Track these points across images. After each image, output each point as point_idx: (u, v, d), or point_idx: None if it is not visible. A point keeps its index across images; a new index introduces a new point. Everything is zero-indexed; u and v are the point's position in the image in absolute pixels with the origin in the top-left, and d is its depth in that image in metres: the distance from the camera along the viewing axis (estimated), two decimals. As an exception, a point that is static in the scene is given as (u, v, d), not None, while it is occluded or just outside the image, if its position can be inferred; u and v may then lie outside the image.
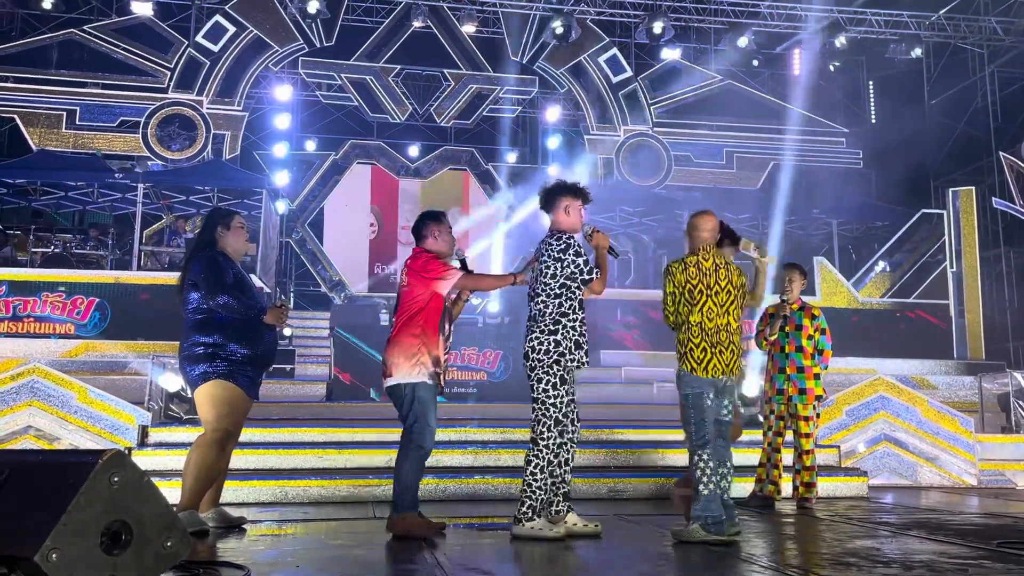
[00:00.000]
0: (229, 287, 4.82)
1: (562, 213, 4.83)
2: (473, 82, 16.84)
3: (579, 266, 4.66)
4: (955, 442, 8.30)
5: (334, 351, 10.90)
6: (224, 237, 5.06)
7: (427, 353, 4.70)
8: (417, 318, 4.74)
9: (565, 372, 4.60)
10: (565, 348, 4.59)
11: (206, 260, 4.91)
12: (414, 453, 4.67)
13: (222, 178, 14.12)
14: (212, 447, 4.77)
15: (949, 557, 4.01)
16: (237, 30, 15.88)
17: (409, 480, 4.66)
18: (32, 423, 7.16)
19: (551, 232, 4.84)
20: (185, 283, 4.94)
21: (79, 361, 10.62)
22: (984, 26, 17.15)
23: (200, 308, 4.85)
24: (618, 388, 11.19)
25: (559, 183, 4.91)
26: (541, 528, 4.49)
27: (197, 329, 4.85)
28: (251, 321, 4.85)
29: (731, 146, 17.62)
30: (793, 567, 3.83)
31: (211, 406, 4.79)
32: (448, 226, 5.02)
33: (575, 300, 4.69)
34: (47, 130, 15.18)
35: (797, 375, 6.34)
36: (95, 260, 13.29)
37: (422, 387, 4.69)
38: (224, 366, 4.79)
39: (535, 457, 4.55)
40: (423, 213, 5.11)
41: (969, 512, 6.24)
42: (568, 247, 4.69)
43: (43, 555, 2.58)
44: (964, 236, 14.28)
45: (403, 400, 4.71)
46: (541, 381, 4.60)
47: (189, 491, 4.68)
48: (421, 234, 4.96)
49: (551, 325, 4.62)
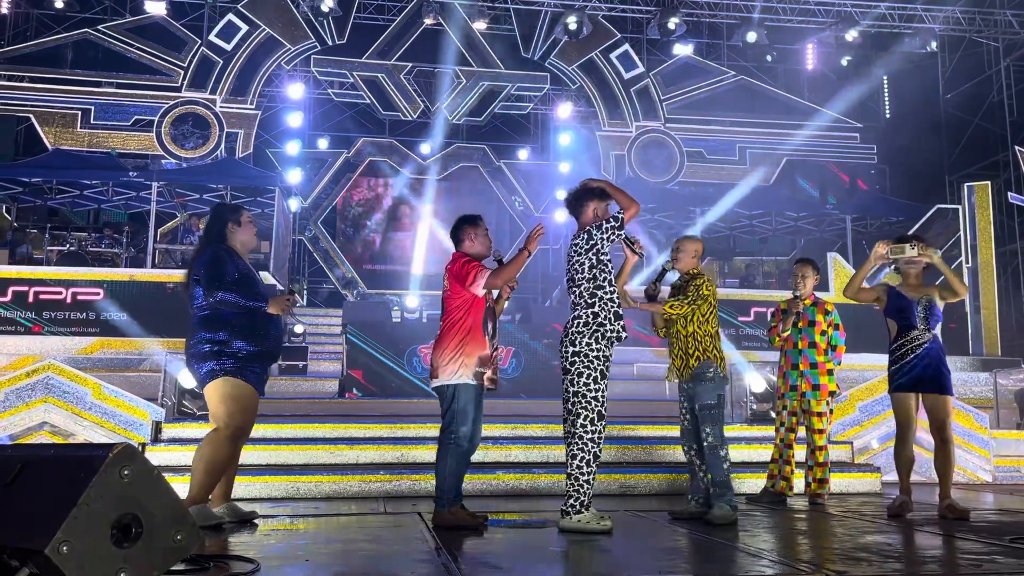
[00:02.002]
0: (228, 283, 4.80)
1: (589, 216, 4.90)
2: (485, 79, 16.84)
3: (606, 229, 4.77)
4: (970, 438, 8.25)
5: (345, 348, 10.94)
6: (235, 232, 5.05)
7: (470, 354, 4.85)
8: (461, 321, 4.89)
9: (605, 365, 4.66)
10: (604, 319, 4.67)
11: (209, 256, 4.90)
12: (453, 451, 4.85)
13: (235, 176, 14.19)
14: (225, 443, 4.79)
15: (962, 553, 3.98)
16: (250, 29, 15.95)
17: (448, 475, 4.83)
18: (47, 419, 7.23)
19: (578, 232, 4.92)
20: (191, 279, 4.94)
21: (94, 358, 10.71)
22: (1000, 19, 17.00)
23: (204, 304, 4.84)
24: (630, 383, 11.17)
25: (585, 186, 4.97)
26: (588, 521, 4.56)
27: (203, 326, 4.84)
28: (256, 316, 4.85)
29: (744, 142, 17.54)
30: (805, 562, 3.81)
31: (222, 403, 4.80)
32: (484, 228, 5.15)
33: (609, 274, 4.79)
34: (62, 129, 15.31)
35: (810, 371, 6.31)
36: (110, 258, 13.39)
37: (463, 388, 4.85)
38: (231, 363, 4.78)
39: (580, 451, 4.61)
40: (460, 217, 5.25)
41: (983, 508, 6.20)
42: (591, 236, 4.78)
43: (54, 548, 2.60)
44: (979, 231, 14.17)
45: (445, 399, 4.91)
46: (583, 375, 4.65)
47: (198, 485, 4.70)
48: (458, 238, 5.11)
49: (588, 299, 4.73)
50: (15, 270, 11.83)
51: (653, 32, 17.26)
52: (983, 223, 14.20)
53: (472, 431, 4.89)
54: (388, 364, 10.80)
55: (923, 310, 5.59)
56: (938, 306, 5.60)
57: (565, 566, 4.01)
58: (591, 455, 4.60)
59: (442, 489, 4.83)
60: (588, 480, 4.59)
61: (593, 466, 4.61)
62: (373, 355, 10.75)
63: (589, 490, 4.60)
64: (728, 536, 4.58)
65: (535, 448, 7.12)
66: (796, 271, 6.54)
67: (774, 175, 17.42)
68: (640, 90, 17.20)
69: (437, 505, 4.85)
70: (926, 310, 5.59)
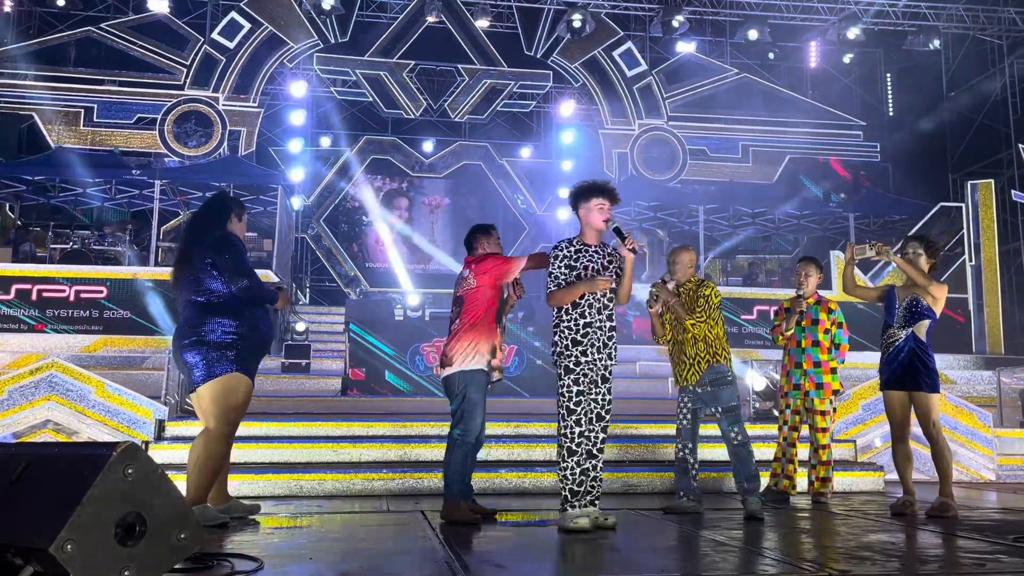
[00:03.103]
0: (252, 273, 4.71)
1: (587, 212, 4.85)
2: (487, 77, 16.84)
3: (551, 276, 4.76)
4: (973, 437, 8.23)
5: (348, 346, 10.94)
6: (234, 225, 4.90)
7: (486, 342, 5.06)
8: (483, 315, 5.08)
9: (571, 363, 4.66)
10: (563, 347, 4.69)
11: (227, 241, 4.71)
12: (460, 445, 4.97)
13: (238, 174, 14.20)
14: (221, 442, 4.66)
15: (965, 552, 3.97)
16: (252, 27, 15.96)
17: (456, 470, 4.95)
18: (51, 417, 7.23)
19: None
20: (195, 264, 4.67)
21: (98, 356, 10.73)
22: (1003, 17, 16.96)
23: (216, 292, 4.64)
24: (632, 382, 11.16)
25: (584, 183, 4.94)
26: (562, 519, 4.61)
27: (211, 314, 4.62)
28: (256, 308, 4.75)
29: (747, 140, 17.53)
30: (807, 561, 3.81)
31: (224, 399, 4.62)
32: (496, 238, 5.39)
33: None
34: (65, 127, 15.33)
35: (814, 370, 6.30)
36: (113, 256, 13.40)
37: (476, 378, 5.01)
38: (234, 355, 4.61)
39: (559, 447, 4.67)
40: (474, 227, 5.49)
41: (986, 507, 6.19)
42: (556, 256, 4.76)
43: (58, 546, 2.60)
44: (983, 229, 14.15)
45: (454, 391, 5.05)
46: (559, 374, 4.72)
47: (195, 486, 4.57)
48: (472, 246, 5.35)
49: (553, 324, 4.80)
50: (18, 268, 11.85)
51: (656, 30, 17.25)
52: (986, 221, 14.18)
53: (481, 425, 5.04)
54: (391, 362, 10.81)
55: (903, 308, 5.67)
56: (924, 303, 5.60)
57: (567, 565, 4.01)
58: (565, 451, 4.63)
59: (447, 482, 4.97)
60: (567, 476, 4.61)
61: (570, 462, 4.60)
62: (376, 353, 10.75)
63: (571, 486, 4.60)
64: (731, 535, 4.57)
65: (538, 447, 7.12)
66: (799, 269, 6.53)
67: (777, 173, 17.40)
68: (643, 88, 17.18)
69: (445, 500, 4.98)
70: (906, 309, 5.66)
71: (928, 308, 5.61)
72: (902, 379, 5.59)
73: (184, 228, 5.26)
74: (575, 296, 4.67)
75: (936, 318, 5.64)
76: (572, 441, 4.62)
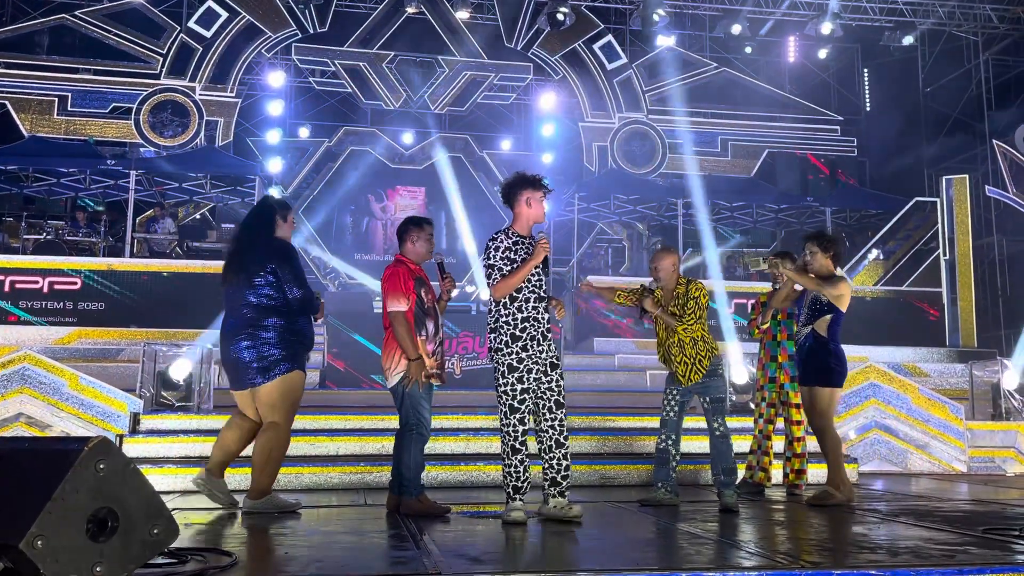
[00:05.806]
0: (306, 282, 4.98)
1: (523, 206, 4.83)
2: (467, 69, 16.78)
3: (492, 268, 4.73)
4: (945, 429, 8.34)
5: (328, 338, 10.89)
6: (282, 227, 5.11)
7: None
8: None
9: (514, 360, 4.65)
10: (502, 343, 4.68)
11: (289, 250, 5.02)
12: (417, 440, 5.07)
13: (215, 165, 14.08)
14: (288, 433, 5.02)
15: (936, 543, 4.03)
16: (230, 15, 15.80)
17: (415, 465, 5.04)
18: (23, 410, 7.14)
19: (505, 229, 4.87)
20: (251, 269, 4.91)
21: (72, 348, 10.62)
22: (979, 13, 17.14)
23: (271, 296, 4.89)
24: (611, 375, 11.20)
25: (519, 175, 4.90)
26: (503, 513, 4.65)
27: (266, 315, 4.89)
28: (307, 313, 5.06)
29: (726, 133, 17.61)
30: (781, 553, 3.85)
31: (289, 395, 4.94)
32: (429, 233, 5.31)
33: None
34: (39, 116, 15.12)
35: (789, 363, 6.35)
36: (87, 247, 13.24)
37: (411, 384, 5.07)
38: (290, 354, 4.93)
39: (503, 444, 4.72)
40: (407, 218, 5.44)
41: (958, 499, 6.28)
42: (498, 248, 4.73)
43: (28, 542, 2.57)
44: (957, 224, 14.31)
45: (397, 397, 5.14)
46: (496, 371, 4.73)
47: (269, 476, 4.97)
48: (402, 238, 5.32)
49: (492, 321, 4.78)
50: (-10, 259, 11.68)
51: (636, 23, 17.25)
52: (961, 216, 14.35)
53: (429, 419, 5.15)
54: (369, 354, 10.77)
55: (807, 306, 5.87)
56: (824, 299, 5.71)
57: (540, 556, 4.02)
58: (508, 447, 4.66)
59: (409, 479, 5.01)
60: (509, 472, 4.66)
61: (514, 459, 4.64)
62: (354, 345, 10.71)
63: (514, 482, 4.64)
64: (707, 527, 4.61)
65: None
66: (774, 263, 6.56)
67: (755, 167, 17.49)
68: (623, 81, 17.20)
69: (405, 494, 5.00)
70: (809, 307, 5.84)
71: (828, 304, 5.70)
72: (803, 374, 5.82)
73: (235, 235, 5.56)
74: (523, 278, 4.65)
75: (841, 312, 5.72)
76: (515, 439, 4.64)
